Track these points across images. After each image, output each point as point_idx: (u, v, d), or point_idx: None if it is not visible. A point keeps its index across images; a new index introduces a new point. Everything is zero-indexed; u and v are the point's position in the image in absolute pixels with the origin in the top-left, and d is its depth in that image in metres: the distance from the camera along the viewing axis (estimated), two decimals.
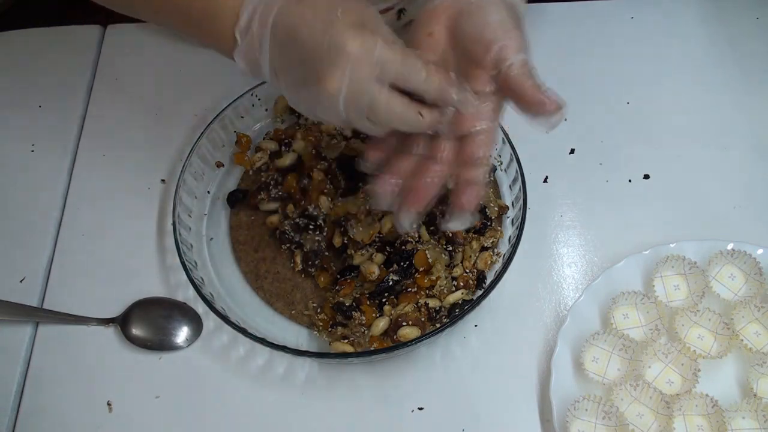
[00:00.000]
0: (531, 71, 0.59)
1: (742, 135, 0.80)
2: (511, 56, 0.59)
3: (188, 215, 0.73)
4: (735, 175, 0.77)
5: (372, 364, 0.68)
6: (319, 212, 0.70)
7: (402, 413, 0.65)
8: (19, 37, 0.92)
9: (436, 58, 0.61)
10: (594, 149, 0.80)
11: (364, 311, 0.66)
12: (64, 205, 0.79)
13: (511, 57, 0.59)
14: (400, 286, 0.67)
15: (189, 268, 0.67)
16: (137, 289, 0.72)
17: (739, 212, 0.75)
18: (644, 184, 0.77)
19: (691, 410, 0.62)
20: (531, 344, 0.68)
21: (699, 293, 0.67)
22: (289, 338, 0.68)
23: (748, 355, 0.65)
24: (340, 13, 0.53)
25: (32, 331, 0.71)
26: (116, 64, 0.89)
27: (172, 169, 0.79)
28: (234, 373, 0.68)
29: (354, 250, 0.69)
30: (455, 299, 0.66)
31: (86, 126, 0.84)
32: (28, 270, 0.74)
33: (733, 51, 0.86)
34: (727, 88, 0.83)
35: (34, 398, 0.68)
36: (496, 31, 0.59)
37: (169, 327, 0.70)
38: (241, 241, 0.74)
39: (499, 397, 0.66)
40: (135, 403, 0.67)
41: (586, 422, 0.62)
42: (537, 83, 0.58)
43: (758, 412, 0.62)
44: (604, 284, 0.68)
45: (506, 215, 0.73)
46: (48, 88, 0.87)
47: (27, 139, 0.83)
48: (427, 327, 0.65)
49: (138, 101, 0.85)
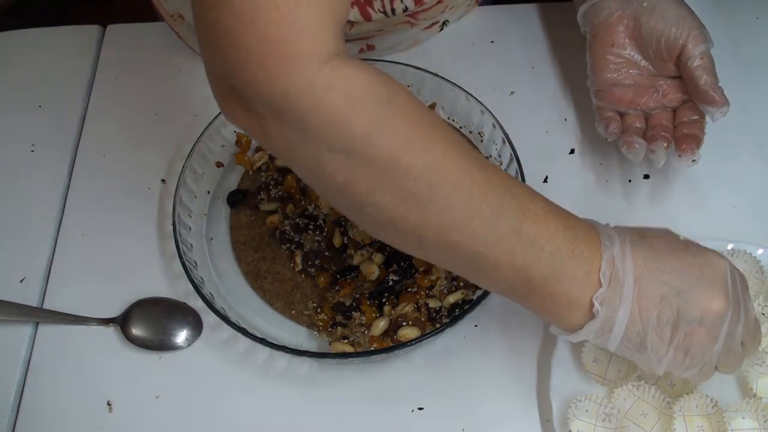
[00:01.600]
0: (708, 66, 0.68)
1: (742, 135, 0.80)
2: (694, 49, 0.68)
3: (188, 215, 0.73)
4: (735, 175, 0.77)
5: (372, 364, 0.68)
6: (319, 212, 0.70)
7: (402, 413, 0.65)
8: (19, 37, 0.92)
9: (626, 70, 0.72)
10: (594, 149, 0.80)
11: (364, 311, 0.66)
12: (64, 205, 0.79)
13: (693, 50, 0.68)
14: (400, 286, 0.67)
15: (189, 268, 0.67)
16: (137, 289, 0.72)
17: (739, 212, 0.75)
18: (644, 184, 0.77)
19: (691, 411, 0.62)
20: (531, 344, 0.68)
21: None
22: (289, 338, 0.68)
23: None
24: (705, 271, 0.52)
25: (32, 331, 0.71)
26: (116, 64, 0.89)
27: (172, 169, 0.79)
28: (234, 373, 0.68)
29: (354, 250, 0.69)
30: (455, 299, 0.66)
31: (86, 126, 0.84)
32: (28, 270, 0.74)
33: (733, 51, 0.86)
34: (727, 88, 0.82)
35: (34, 398, 0.68)
36: (678, 27, 0.68)
37: (169, 327, 0.70)
38: (241, 241, 0.74)
39: (499, 397, 0.66)
40: (135, 403, 0.67)
41: (585, 423, 0.62)
42: (711, 81, 0.67)
43: (758, 412, 0.62)
44: None
45: None
46: (48, 88, 0.87)
47: (27, 139, 0.83)
48: (427, 327, 0.65)
49: (138, 101, 0.85)
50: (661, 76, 0.72)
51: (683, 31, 0.68)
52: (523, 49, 0.87)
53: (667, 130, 0.71)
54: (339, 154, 0.45)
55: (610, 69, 0.73)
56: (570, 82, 0.84)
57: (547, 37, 0.88)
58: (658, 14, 0.69)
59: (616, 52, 0.72)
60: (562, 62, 0.86)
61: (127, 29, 0.91)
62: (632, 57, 0.72)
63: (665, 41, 0.69)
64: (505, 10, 0.90)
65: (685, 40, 0.68)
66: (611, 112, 0.73)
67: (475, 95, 0.76)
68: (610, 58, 0.73)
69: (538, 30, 0.89)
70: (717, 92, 0.68)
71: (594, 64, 0.74)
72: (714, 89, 0.68)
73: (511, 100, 0.83)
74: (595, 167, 0.79)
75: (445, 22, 0.86)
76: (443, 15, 0.84)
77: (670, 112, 0.73)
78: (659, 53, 0.70)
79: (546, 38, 0.88)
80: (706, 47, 0.68)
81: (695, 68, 0.68)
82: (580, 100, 0.83)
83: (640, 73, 0.72)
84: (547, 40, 0.88)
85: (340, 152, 0.45)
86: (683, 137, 0.70)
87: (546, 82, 0.85)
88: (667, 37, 0.68)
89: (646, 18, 0.69)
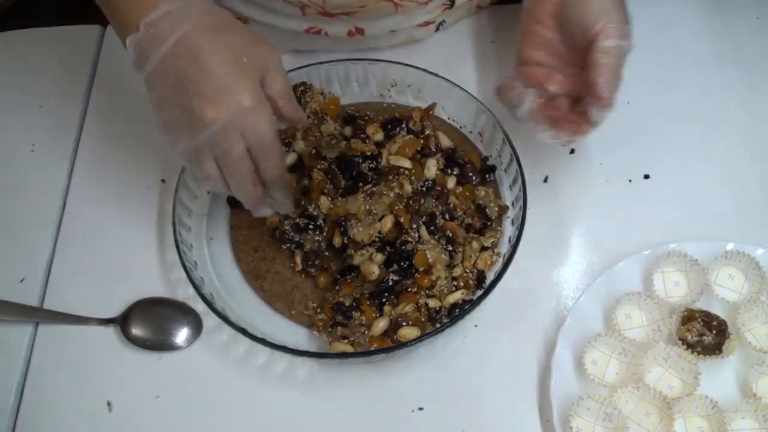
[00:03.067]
0: (610, 62, 0.63)
1: (742, 135, 0.80)
2: (603, 42, 0.63)
3: (188, 215, 0.73)
4: (735, 175, 0.77)
5: (372, 364, 0.68)
6: (319, 212, 0.70)
7: (402, 413, 0.65)
8: (19, 37, 0.92)
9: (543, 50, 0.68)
10: (594, 149, 0.80)
11: (364, 311, 0.66)
12: (64, 205, 0.79)
13: (602, 42, 0.63)
14: (400, 286, 0.67)
15: (189, 268, 0.67)
16: (137, 289, 0.72)
17: (739, 212, 0.75)
18: (644, 184, 0.77)
19: (691, 412, 0.62)
20: (531, 344, 0.68)
21: (698, 291, 0.67)
22: (289, 338, 0.68)
23: (747, 355, 0.65)
24: (246, 60, 0.56)
25: (32, 331, 0.71)
26: (116, 64, 0.89)
27: (172, 169, 0.79)
28: (234, 373, 0.68)
29: (354, 250, 0.69)
30: (455, 299, 0.66)
31: (86, 126, 0.84)
32: (28, 270, 0.74)
33: (733, 51, 0.86)
34: (727, 88, 0.83)
35: (34, 398, 0.68)
36: (598, 15, 0.63)
37: (169, 327, 0.70)
38: (241, 241, 0.74)
39: (499, 397, 0.66)
40: (135, 403, 0.67)
41: (585, 421, 0.62)
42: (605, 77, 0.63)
43: (758, 412, 0.62)
44: (605, 284, 0.68)
45: (506, 215, 0.73)
46: (48, 88, 0.87)
47: (27, 139, 0.83)
48: (427, 327, 0.65)
49: (138, 101, 0.84)
50: (573, 63, 0.68)
51: (600, 21, 0.63)
52: None
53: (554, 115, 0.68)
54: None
55: (531, 45, 0.70)
56: None
57: None
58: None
59: (539, 30, 0.69)
60: None
61: None
62: (552, 38, 0.68)
63: (581, 28, 0.64)
64: (505, 10, 0.90)
65: (598, 31, 0.63)
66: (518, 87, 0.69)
67: (475, 95, 0.76)
68: (533, 35, 0.69)
69: None
70: (605, 89, 0.63)
71: (519, 38, 0.71)
72: (604, 85, 0.63)
73: None
74: (595, 167, 0.79)
75: (441, 23, 0.86)
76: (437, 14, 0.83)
77: (570, 102, 0.69)
78: (574, 39, 0.66)
79: None
80: (617, 44, 0.64)
81: (595, 60, 0.63)
82: None
83: (555, 55, 0.69)
84: None
85: None
86: (565, 120, 0.67)
87: None
88: (584, 24, 0.64)
89: (571, 1, 0.65)
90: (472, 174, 0.74)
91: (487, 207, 0.71)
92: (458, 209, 0.70)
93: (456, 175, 0.73)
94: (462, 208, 0.70)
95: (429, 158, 0.73)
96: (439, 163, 0.74)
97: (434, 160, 0.73)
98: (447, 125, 0.79)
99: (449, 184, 0.72)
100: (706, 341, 0.64)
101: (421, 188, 0.71)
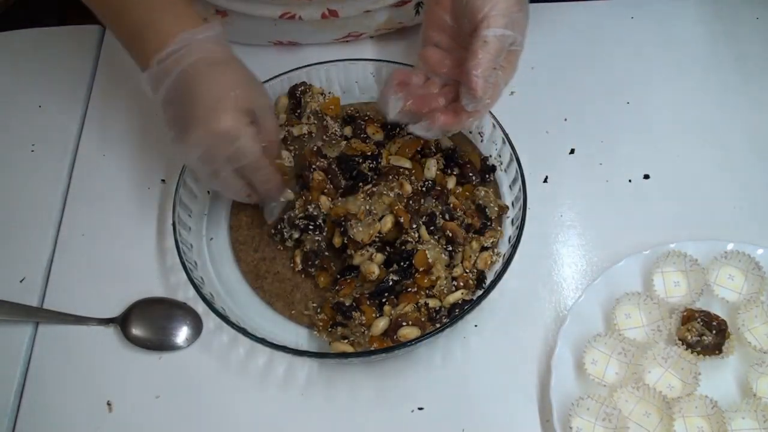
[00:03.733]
0: (488, 51, 0.60)
1: (742, 135, 0.80)
2: (484, 29, 0.60)
3: (188, 215, 0.73)
4: (735, 175, 0.77)
5: (372, 364, 0.68)
6: (319, 212, 0.70)
7: (402, 413, 0.65)
8: (19, 37, 0.92)
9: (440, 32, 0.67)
10: (594, 149, 0.80)
11: (364, 311, 0.66)
12: (64, 205, 0.79)
13: (484, 30, 0.60)
14: (400, 286, 0.67)
15: (189, 268, 0.67)
16: (137, 289, 0.72)
17: (739, 212, 0.75)
18: (644, 184, 0.77)
19: (691, 412, 0.62)
20: (531, 344, 0.68)
21: (698, 291, 0.67)
22: (289, 338, 0.68)
23: (747, 355, 0.65)
24: (233, 94, 0.61)
25: (32, 331, 0.71)
26: (116, 64, 0.89)
27: (172, 169, 0.79)
28: (234, 373, 0.68)
29: (354, 250, 0.69)
30: (455, 299, 0.66)
31: (86, 126, 0.84)
32: (28, 270, 0.74)
33: (733, 51, 0.86)
34: (727, 88, 0.83)
35: (34, 398, 0.68)
36: (486, 2, 0.60)
37: (169, 327, 0.70)
38: (241, 241, 0.74)
39: (499, 397, 0.66)
40: (135, 403, 0.67)
41: (585, 421, 0.62)
42: (480, 67, 0.60)
43: (758, 412, 0.62)
44: (604, 284, 0.68)
45: (506, 215, 0.73)
46: (48, 88, 0.87)
47: (27, 139, 0.83)
48: (427, 327, 0.65)
49: (138, 101, 0.85)
50: (462, 48, 0.64)
51: (486, 7, 0.60)
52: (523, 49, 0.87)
53: (435, 107, 0.66)
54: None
55: (431, 26, 0.68)
56: (570, 82, 0.84)
57: (547, 37, 0.88)
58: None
59: (437, 11, 0.66)
60: (562, 62, 0.86)
61: None
62: (448, 20, 0.66)
63: (469, 12, 0.61)
64: None
65: (482, 18, 0.60)
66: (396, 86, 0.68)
67: None
68: (433, 16, 0.67)
69: (538, 30, 0.88)
70: (475, 81, 0.60)
71: (423, 18, 0.70)
72: (476, 77, 0.60)
73: (511, 100, 0.83)
74: (595, 167, 0.79)
75: (419, 4, 0.83)
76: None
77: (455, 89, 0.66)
78: (463, 23, 0.63)
79: (546, 38, 0.88)
80: (500, 33, 0.60)
81: (473, 49, 0.60)
82: (580, 100, 0.83)
83: (453, 38, 0.67)
84: (547, 40, 0.87)
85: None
86: (441, 112, 0.65)
87: (546, 82, 0.85)
88: (472, 9, 0.61)
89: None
90: (472, 174, 0.74)
91: (487, 207, 0.71)
92: (458, 209, 0.70)
93: (456, 175, 0.74)
94: (462, 208, 0.70)
95: (429, 158, 0.73)
96: (439, 163, 0.74)
97: (434, 160, 0.73)
98: None
99: (449, 184, 0.72)
100: (706, 341, 0.64)
101: (421, 188, 0.71)
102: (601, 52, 0.87)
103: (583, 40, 0.87)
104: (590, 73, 0.85)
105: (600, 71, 0.85)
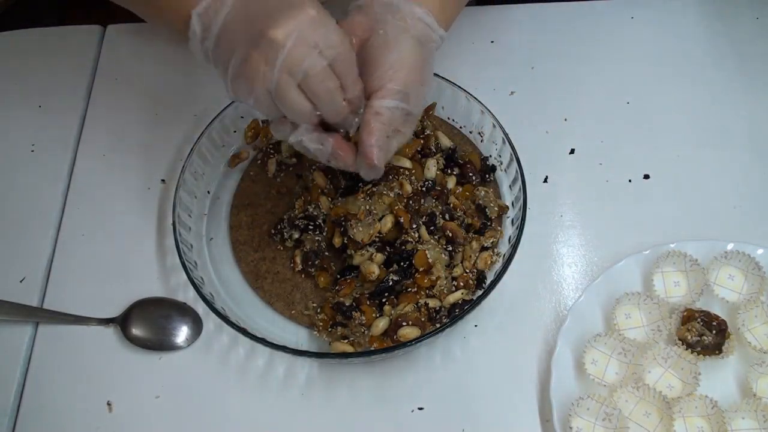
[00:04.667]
0: (377, 125, 0.59)
1: (742, 135, 0.80)
2: (378, 100, 0.59)
3: (188, 215, 0.73)
4: (735, 175, 0.77)
5: (372, 364, 0.68)
6: (319, 212, 0.70)
7: (402, 413, 0.65)
8: (19, 37, 0.92)
9: None
10: (594, 149, 0.80)
11: (364, 311, 0.66)
12: (64, 205, 0.79)
13: (377, 101, 0.59)
14: (400, 286, 0.67)
15: (189, 268, 0.67)
16: (137, 289, 0.72)
17: (739, 212, 0.75)
18: (644, 184, 0.77)
19: (691, 412, 0.62)
20: (531, 344, 0.68)
21: (698, 291, 0.67)
22: (289, 338, 0.68)
23: (747, 355, 0.65)
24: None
25: (32, 331, 0.71)
26: (116, 64, 0.89)
27: (172, 169, 0.79)
28: (234, 373, 0.68)
29: (354, 250, 0.69)
30: (455, 299, 0.66)
31: (86, 126, 0.84)
32: (28, 270, 0.74)
33: (733, 51, 0.86)
34: (727, 88, 0.83)
35: (34, 398, 0.68)
36: (386, 69, 0.59)
37: (169, 327, 0.70)
38: (241, 241, 0.74)
39: (499, 397, 0.66)
40: (135, 403, 0.67)
41: (586, 421, 0.62)
42: (373, 141, 0.59)
43: (758, 412, 0.62)
44: (604, 284, 0.68)
45: (506, 215, 0.73)
46: (48, 88, 0.87)
47: (27, 139, 0.83)
48: (427, 327, 0.65)
49: (138, 101, 0.85)
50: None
51: (386, 79, 0.59)
52: (523, 49, 0.87)
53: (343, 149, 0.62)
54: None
55: None
56: (570, 82, 0.84)
57: (547, 37, 0.88)
58: (383, 49, 0.60)
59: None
60: (562, 62, 0.86)
61: (127, 29, 0.91)
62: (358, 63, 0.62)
63: (368, 76, 0.60)
64: (505, 10, 0.90)
65: (377, 87, 0.59)
66: None
67: (475, 95, 0.76)
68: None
69: (538, 30, 0.89)
70: (372, 149, 0.59)
71: None
72: (369, 145, 0.59)
73: (511, 100, 0.83)
74: (595, 167, 0.79)
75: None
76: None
77: None
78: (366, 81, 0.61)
79: (546, 38, 0.88)
80: (392, 106, 0.59)
81: (366, 117, 0.59)
82: (580, 100, 0.83)
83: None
84: (547, 40, 0.88)
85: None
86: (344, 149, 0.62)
87: (546, 82, 0.85)
88: (372, 73, 0.60)
89: (372, 46, 0.61)
90: (472, 174, 0.74)
91: (487, 207, 0.71)
92: (458, 209, 0.70)
93: (456, 175, 0.74)
94: (462, 208, 0.70)
95: (429, 158, 0.73)
96: (439, 163, 0.74)
97: (434, 160, 0.73)
98: (447, 125, 0.79)
99: (449, 184, 0.72)
100: (706, 341, 0.64)
101: (421, 188, 0.71)
102: (601, 52, 0.87)
103: (583, 40, 0.87)
104: (590, 73, 0.85)
105: (600, 71, 0.85)
